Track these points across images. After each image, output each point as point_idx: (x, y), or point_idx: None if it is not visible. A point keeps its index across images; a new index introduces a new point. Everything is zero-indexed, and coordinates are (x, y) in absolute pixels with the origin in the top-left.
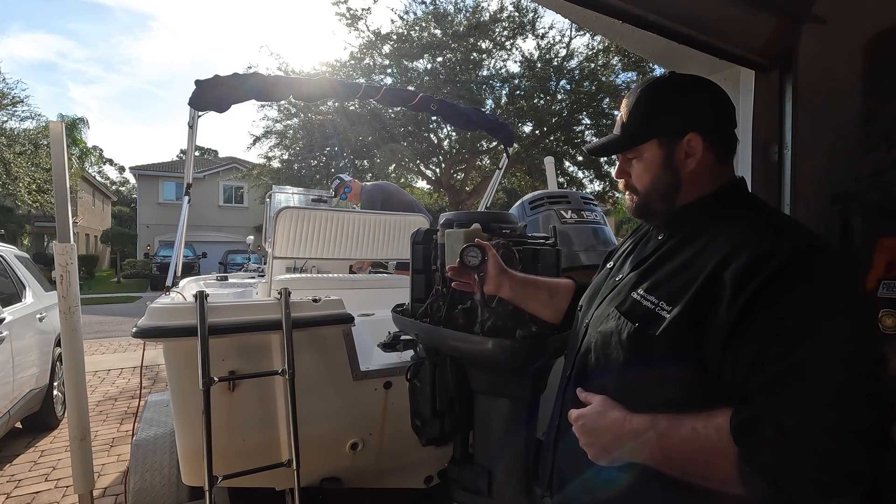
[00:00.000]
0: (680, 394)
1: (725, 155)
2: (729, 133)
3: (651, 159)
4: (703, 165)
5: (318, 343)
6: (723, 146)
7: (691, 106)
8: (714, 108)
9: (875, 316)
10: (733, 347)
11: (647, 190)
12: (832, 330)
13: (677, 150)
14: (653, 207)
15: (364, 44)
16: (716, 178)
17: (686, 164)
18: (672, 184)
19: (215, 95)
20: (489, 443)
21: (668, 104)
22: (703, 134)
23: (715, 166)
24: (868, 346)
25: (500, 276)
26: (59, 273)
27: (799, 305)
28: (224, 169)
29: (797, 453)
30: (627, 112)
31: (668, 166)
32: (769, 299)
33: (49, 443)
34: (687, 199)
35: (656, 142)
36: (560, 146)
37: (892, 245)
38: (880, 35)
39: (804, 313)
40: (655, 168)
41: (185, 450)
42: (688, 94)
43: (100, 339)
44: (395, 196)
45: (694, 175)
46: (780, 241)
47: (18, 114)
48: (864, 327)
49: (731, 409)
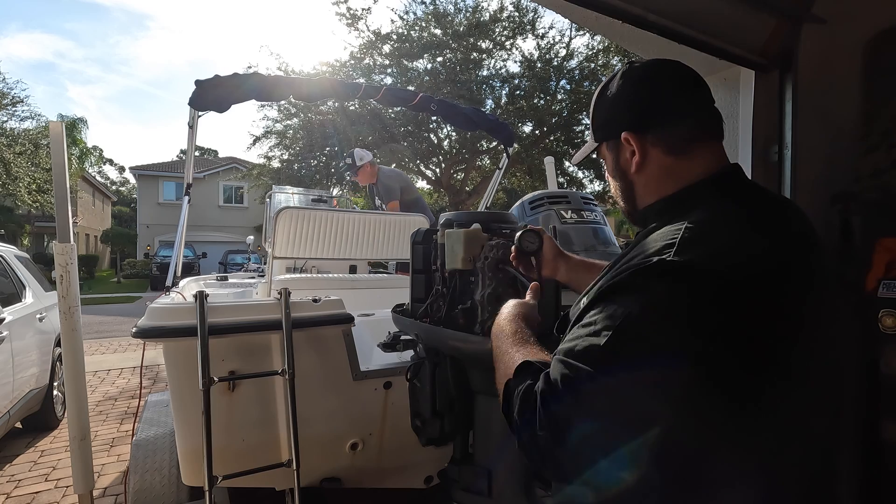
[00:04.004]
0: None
1: (677, 148)
2: (674, 123)
3: (608, 163)
4: (653, 163)
5: (318, 343)
6: (670, 139)
7: (620, 103)
8: (645, 99)
9: (875, 316)
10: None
11: (613, 192)
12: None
13: (622, 151)
14: (626, 209)
15: (364, 44)
16: (676, 174)
17: (631, 165)
18: (625, 185)
19: (215, 95)
20: (489, 443)
21: (604, 105)
22: (634, 131)
23: (670, 162)
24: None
25: (556, 260)
26: (59, 273)
27: (608, 306)
28: (224, 169)
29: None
30: (589, 119)
31: (618, 168)
32: (598, 298)
33: (49, 443)
34: (648, 200)
35: (604, 146)
36: (560, 146)
37: (892, 245)
38: (880, 35)
39: (605, 312)
40: (611, 171)
41: (185, 450)
42: (621, 90)
43: (100, 339)
44: (411, 189)
45: (645, 174)
46: (649, 258)
47: (18, 114)
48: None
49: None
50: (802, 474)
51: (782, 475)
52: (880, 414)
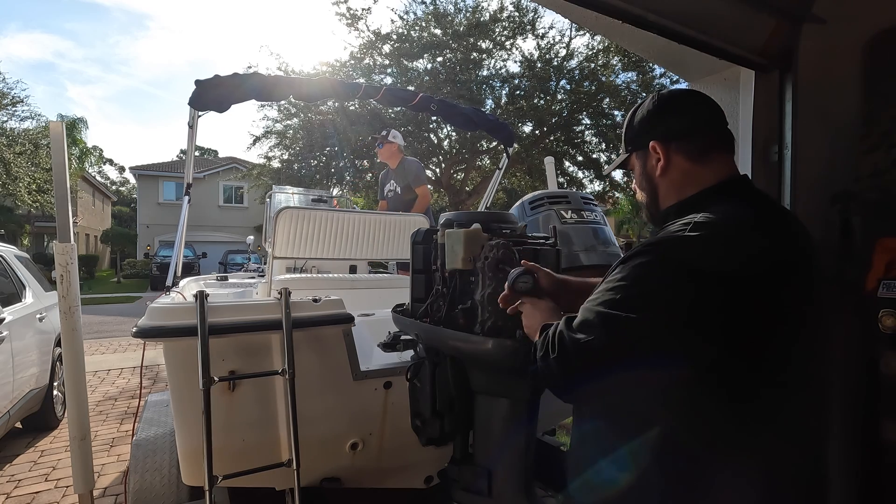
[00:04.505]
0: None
1: (696, 157)
2: (695, 136)
3: (636, 170)
4: (675, 168)
5: (318, 343)
6: (690, 148)
7: (651, 119)
8: (673, 116)
9: (875, 316)
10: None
11: (641, 197)
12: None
13: (648, 158)
14: (650, 211)
15: (364, 44)
16: (694, 179)
17: (656, 169)
18: (651, 188)
19: (215, 95)
20: (489, 443)
21: (634, 122)
22: (662, 140)
23: (689, 168)
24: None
25: (556, 291)
26: (59, 273)
27: (625, 267)
28: (224, 169)
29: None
30: (622, 135)
31: (645, 173)
32: (618, 264)
33: (49, 443)
34: (670, 202)
35: (634, 155)
36: (560, 146)
37: (892, 245)
38: (880, 35)
39: (621, 274)
40: (638, 177)
41: (185, 450)
42: (650, 109)
43: (100, 339)
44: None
45: (668, 178)
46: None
47: (18, 114)
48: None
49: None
50: (801, 473)
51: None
52: (880, 414)
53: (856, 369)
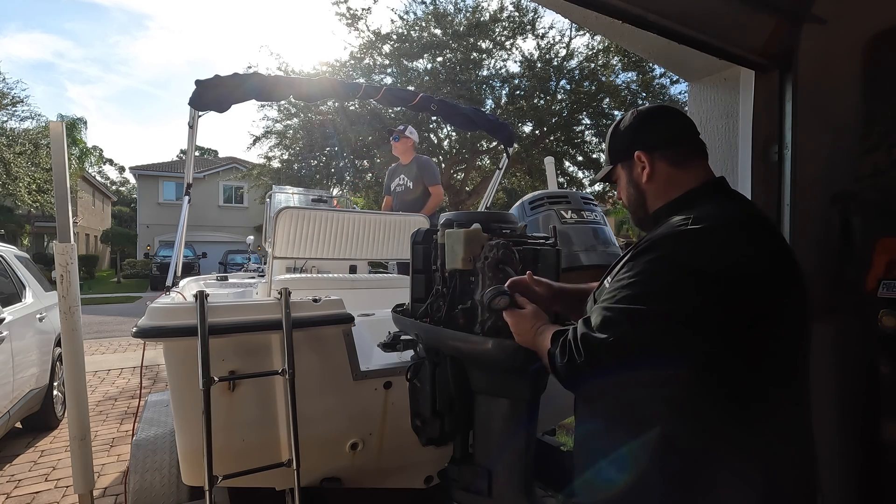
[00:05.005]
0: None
1: (678, 162)
2: (674, 144)
3: (622, 180)
4: (659, 174)
5: (318, 343)
6: (672, 155)
7: (633, 131)
8: (653, 128)
9: (875, 316)
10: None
11: (627, 204)
12: (636, 283)
13: (634, 167)
14: (638, 216)
15: (364, 44)
16: (678, 183)
17: (643, 176)
18: (638, 194)
19: (215, 95)
20: (489, 443)
21: (618, 135)
22: (646, 150)
23: (672, 172)
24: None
25: (552, 298)
26: (59, 273)
27: (636, 264)
28: (224, 169)
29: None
30: (605, 149)
31: (631, 181)
32: (626, 261)
33: (49, 443)
34: (658, 203)
35: (619, 166)
36: (560, 146)
37: (892, 245)
38: (880, 35)
39: (633, 270)
40: (625, 185)
41: (185, 450)
42: (631, 123)
43: (100, 339)
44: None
45: (654, 184)
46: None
47: (18, 114)
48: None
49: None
50: (800, 473)
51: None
52: (880, 414)
53: (856, 369)
